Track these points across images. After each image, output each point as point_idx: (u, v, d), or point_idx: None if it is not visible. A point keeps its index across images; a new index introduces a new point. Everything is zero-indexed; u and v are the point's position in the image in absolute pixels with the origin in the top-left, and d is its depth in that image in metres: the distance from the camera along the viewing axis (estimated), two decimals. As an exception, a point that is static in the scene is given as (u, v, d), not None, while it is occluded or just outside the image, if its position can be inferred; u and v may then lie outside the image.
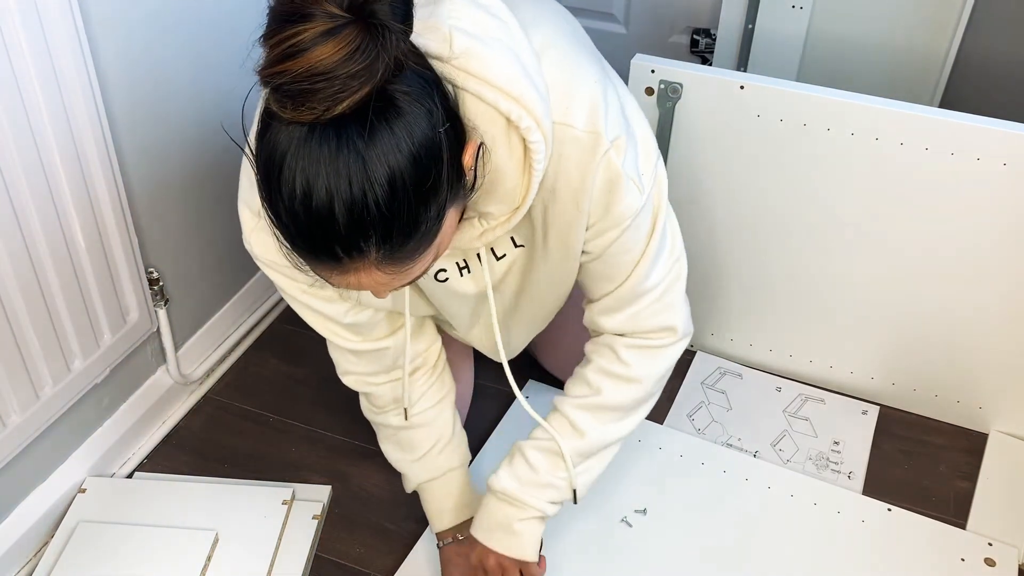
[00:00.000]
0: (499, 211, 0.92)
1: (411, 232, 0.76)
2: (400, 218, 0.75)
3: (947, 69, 1.82)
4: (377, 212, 0.73)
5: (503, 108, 0.83)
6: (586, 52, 0.96)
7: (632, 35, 2.35)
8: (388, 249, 0.76)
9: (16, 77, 1.07)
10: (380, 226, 0.74)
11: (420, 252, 0.79)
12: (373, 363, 1.17)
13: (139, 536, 1.28)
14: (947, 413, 1.51)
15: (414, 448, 1.22)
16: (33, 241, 1.15)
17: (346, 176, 0.71)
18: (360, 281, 0.79)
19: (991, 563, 1.28)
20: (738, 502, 1.37)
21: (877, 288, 1.42)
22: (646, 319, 1.09)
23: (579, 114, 0.90)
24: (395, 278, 0.80)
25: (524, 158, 0.87)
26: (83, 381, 1.31)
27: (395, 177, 0.73)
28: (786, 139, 1.34)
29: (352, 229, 0.73)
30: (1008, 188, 1.26)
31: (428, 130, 0.75)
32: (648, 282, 1.06)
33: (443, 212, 0.79)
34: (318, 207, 0.72)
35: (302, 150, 0.72)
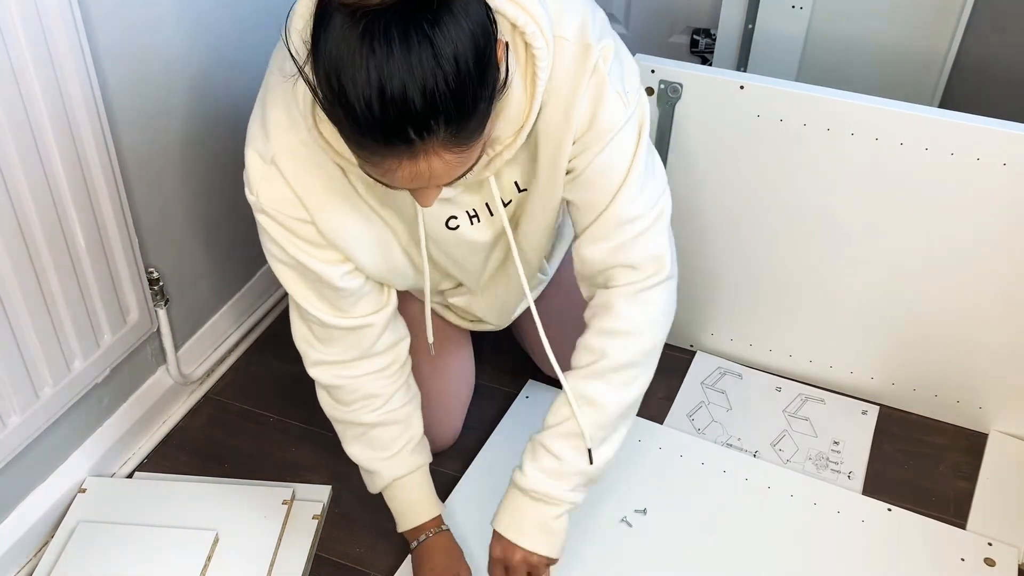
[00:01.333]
0: (504, 133, 0.94)
1: (473, 110, 0.80)
2: (466, 95, 0.78)
3: (947, 69, 1.82)
4: (447, 90, 0.76)
5: (510, 14, 0.87)
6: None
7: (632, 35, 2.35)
8: (455, 127, 0.79)
9: (16, 77, 1.07)
10: (450, 103, 0.77)
11: (478, 134, 0.83)
12: (351, 347, 1.13)
13: (139, 536, 1.28)
14: (947, 413, 1.51)
15: (386, 446, 1.20)
16: (33, 241, 1.15)
17: (417, 58, 0.74)
18: (430, 165, 0.81)
19: (991, 563, 1.28)
20: (738, 502, 1.37)
21: (877, 288, 1.42)
22: (632, 248, 1.06)
23: (570, 26, 0.93)
24: (458, 161, 0.83)
25: (527, 69, 0.90)
26: (83, 381, 1.31)
27: (459, 55, 0.76)
28: (786, 139, 1.34)
29: (425, 108, 0.76)
30: (1008, 188, 1.26)
31: (481, 12, 0.79)
32: (633, 207, 1.03)
33: (494, 96, 0.82)
34: (393, 92, 0.75)
35: (372, 39, 0.75)
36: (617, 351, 1.08)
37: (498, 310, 1.29)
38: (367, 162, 0.83)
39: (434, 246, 1.12)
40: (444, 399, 1.41)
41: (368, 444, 1.20)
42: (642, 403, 1.51)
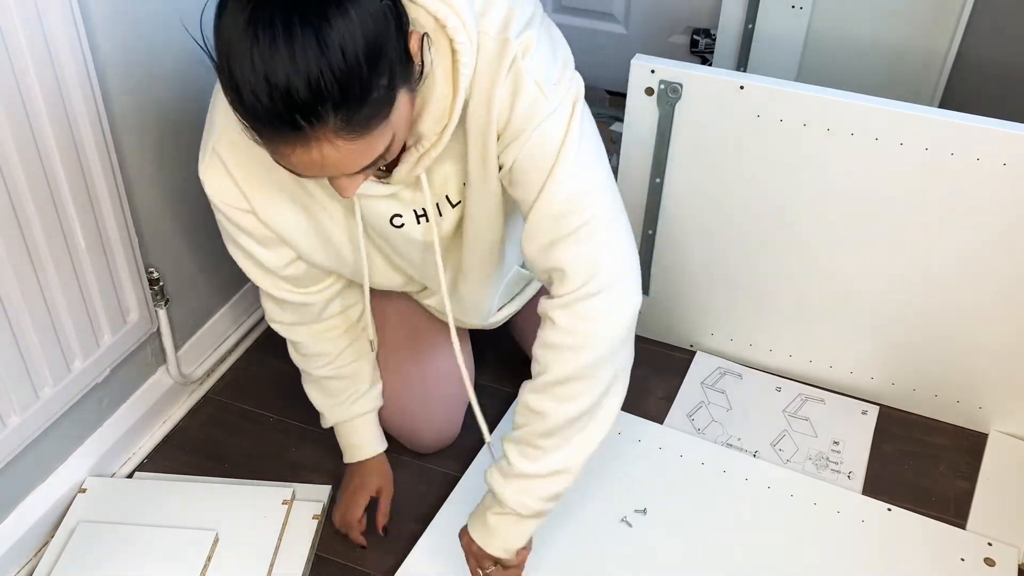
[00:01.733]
0: (431, 130, 0.94)
1: (364, 97, 0.79)
2: (353, 83, 0.78)
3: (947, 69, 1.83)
4: (332, 78, 0.76)
5: (431, 8, 0.88)
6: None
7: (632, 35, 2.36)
8: (344, 115, 0.79)
9: (16, 77, 1.07)
10: (336, 91, 0.77)
11: (375, 122, 0.82)
12: (297, 314, 1.22)
13: (139, 536, 1.28)
14: (947, 413, 1.51)
15: (334, 394, 1.31)
16: (33, 241, 1.15)
17: (301, 47, 0.75)
18: (322, 153, 0.82)
19: (991, 563, 1.28)
20: (738, 502, 1.37)
21: (877, 287, 1.42)
22: (562, 250, 1.00)
23: (493, 21, 0.93)
24: (354, 149, 0.83)
25: (452, 65, 0.90)
26: (83, 381, 1.31)
27: (346, 44, 0.76)
28: (786, 139, 1.34)
29: (311, 97, 0.77)
30: (1008, 188, 1.26)
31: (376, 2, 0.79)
32: (558, 202, 0.98)
33: (394, 85, 0.83)
34: (277, 82, 0.76)
35: (257, 26, 0.76)
36: (558, 365, 1.02)
37: (472, 310, 1.28)
38: (265, 148, 0.84)
39: (384, 243, 1.14)
40: (444, 398, 1.41)
41: (320, 390, 1.32)
42: (642, 403, 1.53)
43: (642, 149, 1.44)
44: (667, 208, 1.49)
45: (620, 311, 1.02)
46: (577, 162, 0.98)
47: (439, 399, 1.40)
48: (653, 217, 1.50)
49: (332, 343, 1.27)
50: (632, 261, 1.04)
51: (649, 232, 1.52)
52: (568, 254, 1.00)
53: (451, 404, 1.42)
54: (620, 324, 1.02)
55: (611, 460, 1.42)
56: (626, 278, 1.03)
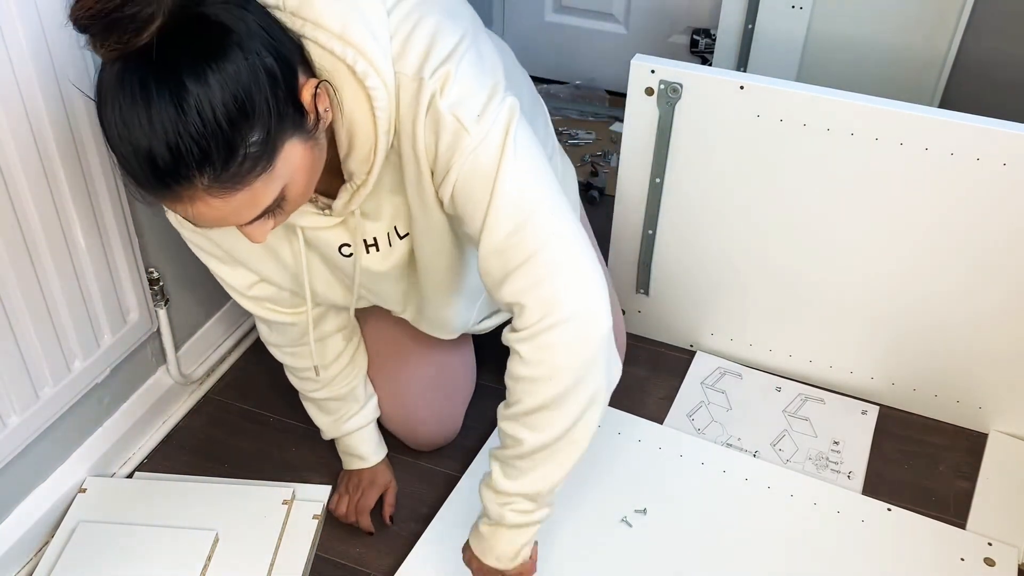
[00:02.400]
0: (360, 169, 0.95)
1: (230, 157, 0.79)
2: (216, 145, 0.78)
3: (947, 69, 1.83)
4: (192, 142, 0.77)
5: (338, 52, 0.87)
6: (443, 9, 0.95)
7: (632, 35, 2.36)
8: (212, 175, 0.79)
9: (16, 77, 1.07)
10: (197, 154, 0.77)
11: (252, 177, 0.82)
12: (282, 335, 1.24)
13: (139, 536, 1.28)
14: (947, 413, 1.51)
15: (332, 412, 1.34)
16: (33, 241, 1.15)
17: (158, 113, 0.76)
18: (198, 209, 0.82)
19: (991, 563, 1.28)
20: (738, 502, 1.37)
21: (877, 287, 1.42)
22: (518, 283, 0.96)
23: (410, 60, 0.91)
24: (232, 205, 0.83)
25: (369, 107, 0.90)
26: (83, 381, 1.31)
27: (203, 107, 0.76)
28: (786, 139, 1.34)
29: (173, 162, 0.77)
30: (1008, 188, 1.26)
31: (240, 57, 0.78)
32: (497, 236, 0.95)
33: (272, 140, 0.82)
34: (137, 146, 0.77)
35: (119, 89, 0.77)
36: (528, 396, 1.00)
37: (442, 328, 1.28)
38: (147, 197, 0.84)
39: (336, 270, 1.14)
40: (444, 397, 1.41)
41: (317, 407, 1.35)
42: (642, 403, 1.53)
43: (642, 149, 1.44)
44: (667, 208, 1.49)
45: (585, 338, 0.98)
46: (516, 190, 0.94)
47: (439, 397, 1.40)
48: (653, 217, 1.50)
49: (321, 371, 1.28)
50: (594, 281, 0.98)
51: (649, 232, 1.52)
52: (521, 287, 0.96)
53: (451, 402, 1.42)
54: (587, 351, 0.98)
55: (611, 460, 1.42)
56: (589, 302, 0.98)
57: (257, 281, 1.16)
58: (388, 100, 0.90)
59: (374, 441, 1.37)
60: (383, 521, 1.34)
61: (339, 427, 1.34)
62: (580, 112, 2.35)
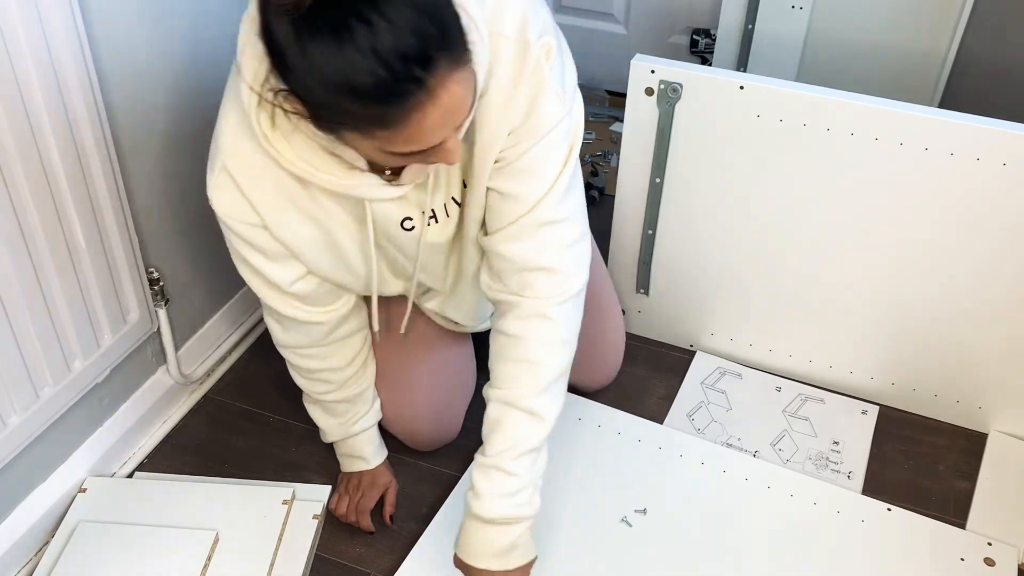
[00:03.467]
0: None
1: (458, 31, 0.83)
2: (446, 19, 0.82)
3: (947, 69, 1.83)
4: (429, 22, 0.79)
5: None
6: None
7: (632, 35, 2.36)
8: (448, 51, 0.82)
9: (16, 77, 1.07)
10: (436, 32, 0.80)
11: (467, 56, 0.84)
12: (303, 335, 1.21)
13: (139, 536, 1.28)
14: (947, 413, 1.51)
15: (339, 415, 1.33)
16: (33, 241, 1.15)
17: (394, 10, 0.78)
18: (450, 95, 0.83)
19: (991, 563, 1.28)
20: (738, 502, 1.37)
21: (877, 288, 1.42)
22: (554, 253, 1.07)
23: (510, 23, 0.95)
24: (466, 84, 0.85)
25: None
26: (83, 381, 1.31)
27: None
28: (786, 139, 1.34)
29: (420, 44, 0.79)
30: (1008, 188, 1.26)
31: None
32: (560, 209, 1.05)
33: (464, 33, 0.84)
34: (386, 47, 0.78)
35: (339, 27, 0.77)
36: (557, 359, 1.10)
37: (467, 311, 1.31)
38: (396, 136, 0.85)
39: (392, 248, 1.13)
40: (445, 399, 1.41)
41: (323, 409, 1.33)
42: (642, 403, 1.53)
43: (642, 149, 1.44)
44: (667, 208, 1.49)
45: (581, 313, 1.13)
46: (573, 179, 1.05)
47: (439, 398, 1.40)
48: (653, 217, 1.50)
49: (336, 373, 1.27)
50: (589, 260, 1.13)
51: (649, 232, 1.52)
52: (558, 259, 1.07)
53: (452, 403, 1.42)
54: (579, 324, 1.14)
55: (611, 460, 1.42)
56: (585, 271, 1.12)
57: (303, 275, 1.12)
58: (485, 56, 0.91)
59: (376, 443, 1.37)
60: (383, 521, 1.34)
61: (346, 429, 1.33)
62: (580, 112, 2.35)
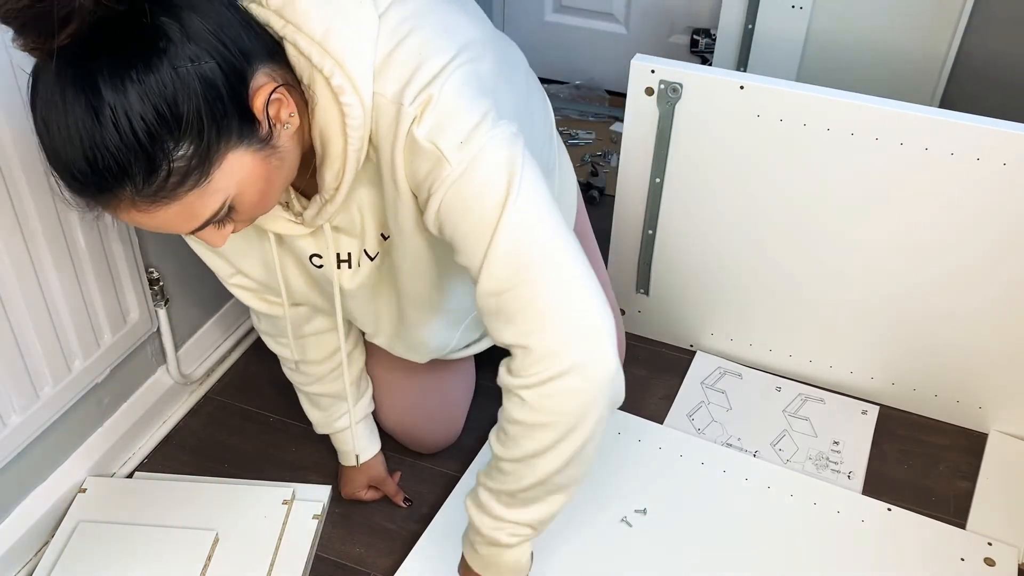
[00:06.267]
0: (330, 182, 0.91)
1: (153, 170, 0.74)
2: (135, 159, 0.73)
3: (947, 69, 1.83)
4: (109, 156, 0.73)
5: (316, 61, 0.82)
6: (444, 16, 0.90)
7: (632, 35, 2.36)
8: (134, 188, 0.75)
9: (16, 76, 1.07)
10: (115, 169, 0.73)
11: (184, 190, 0.78)
12: (272, 326, 1.24)
13: (139, 536, 1.28)
14: (947, 413, 1.51)
15: (325, 408, 1.33)
16: (33, 241, 1.15)
17: (75, 121, 0.72)
18: (131, 218, 0.79)
19: (991, 563, 1.28)
20: (738, 502, 1.37)
21: (877, 288, 1.42)
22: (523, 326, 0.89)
23: (391, 82, 0.85)
24: (165, 217, 0.79)
25: (342, 123, 0.85)
26: (83, 381, 1.31)
27: (119, 119, 0.72)
28: (786, 139, 1.34)
29: (92, 174, 0.74)
30: (1008, 188, 1.26)
31: (165, 66, 0.73)
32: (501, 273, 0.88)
33: (208, 153, 0.77)
34: (58, 154, 0.74)
35: (39, 87, 0.74)
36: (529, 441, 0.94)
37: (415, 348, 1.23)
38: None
39: (311, 280, 1.12)
40: (445, 399, 1.41)
41: (311, 402, 1.34)
42: (642, 403, 1.53)
43: (642, 149, 1.44)
44: (667, 208, 1.49)
45: (593, 384, 0.91)
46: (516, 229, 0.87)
47: (439, 402, 1.40)
48: (653, 217, 1.50)
49: (313, 367, 1.27)
50: (602, 319, 0.90)
51: (649, 232, 1.52)
52: (523, 331, 0.89)
53: (452, 406, 1.42)
54: (594, 395, 0.91)
55: (611, 460, 1.42)
56: (597, 345, 0.90)
57: (234, 272, 1.14)
58: (363, 118, 0.85)
59: (366, 437, 1.36)
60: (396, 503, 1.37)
61: (331, 424, 1.34)
62: (580, 112, 2.35)
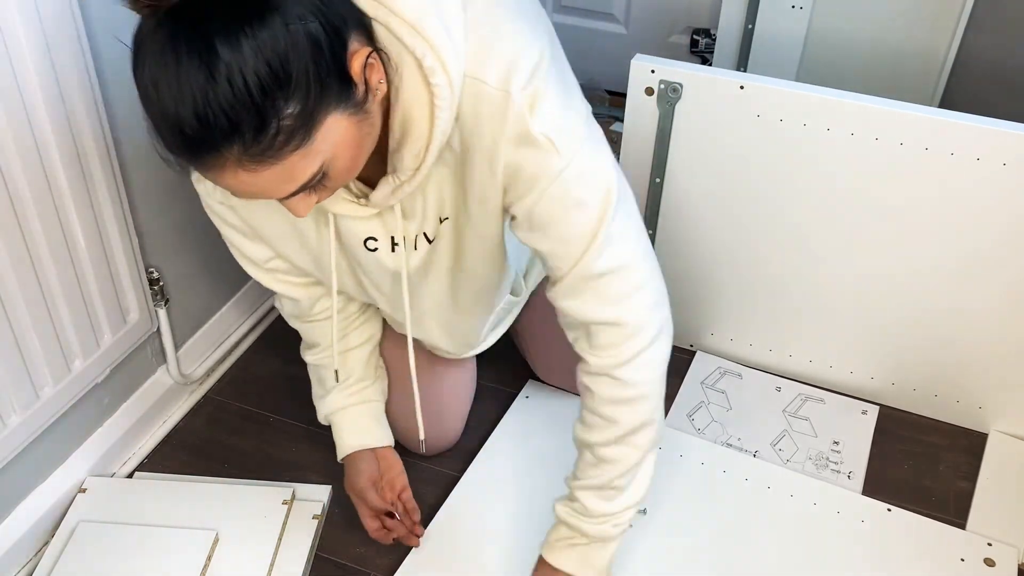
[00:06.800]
0: (407, 164, 0.90)
1: (261, 128, 0.75)
2: (246, 115, 0.74)
3: (947, 69, 1.83)
4: (221, 111, 0.73)
5: (408, 42, 0.82)
6: (523, 16, 0.91)
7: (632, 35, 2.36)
8: (241, 147, 0.75)
9: (16, 76, 1.07)
10: (226, 125, 0.73)
11: (287, 151, 0.78)
12: (291, 304, 1.25)
13: (139, 536, 1.28)
14: (947, 413, 1.51)
15: (322, 383, 1.30)
16: (33, 241, 1.15)
17: (187, 77, 0.72)
18: (228, 182, 0.79)
19: (991, 563, 1.28)
20: (738, 502, 1.37)
21: (877, 288, 1.42)
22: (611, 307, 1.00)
23: (493, 70, 0.86)
24: (265, 179, 0.79)
25: (429, 104, 0.85)
26: (83, 381, 1.31)
27: (234, 75, 0.72)
28: (786, 139, 1.34)
29: (200, 130, 0.74)
30: (1008, 188, 1.26)
31: (278, 22, 0.73)
32: (601, 262, 0.96)
33: (311, 113, 0.77)
34: (167, 111, 0.74)
35: (149, 47, 0.74)
36: (631, 416, 1.05)
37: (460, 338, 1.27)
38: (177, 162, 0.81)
39: (356, 265, 1.12)
40: (446, 400, 1.41)
41: (314, 377, 1.33)
42: (642, 403, 1.53)
43: (642, 149, 1.44)
44: (667, 208, 1.49)
45: (667, 351, 1.06)
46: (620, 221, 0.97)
47: (441, 404, 1.40)
48: (653, 217, 1.50)
49: (319, 331, 1.28)
50: (663, 291, 1.06)
51: (649, 232, 1.52)
52: (621, 308, 1.00)
53: (453, 408, 1.42)
54: (667, 361, 1.06)
55: (611, 460, 1.42)
56: (667, 318, 1.06)
57: (273, 256, 1.14)
58: (451, 100, 0.85)
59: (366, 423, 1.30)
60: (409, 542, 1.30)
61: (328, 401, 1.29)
62: (580, 112, 2.35)
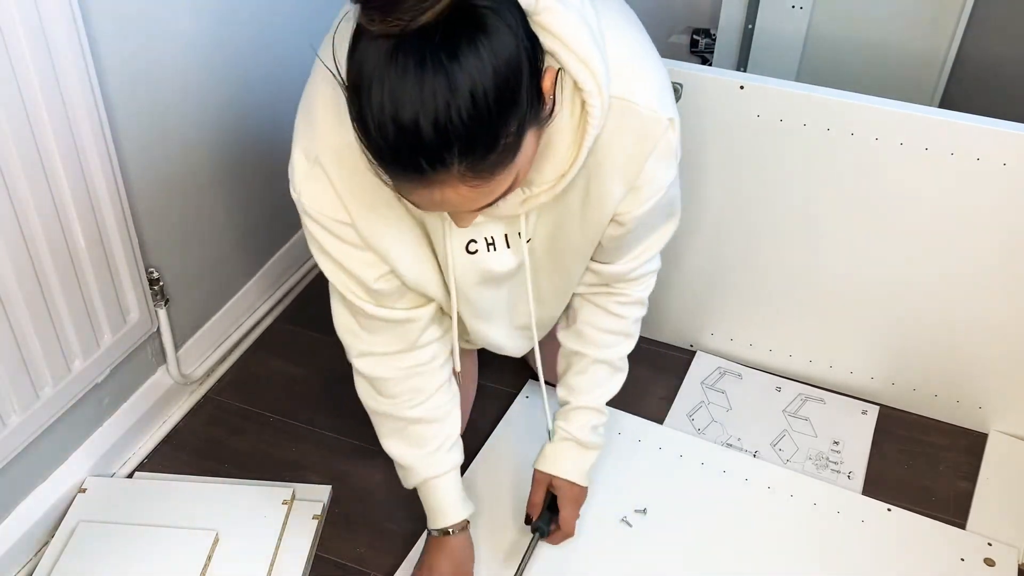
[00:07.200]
0: (546, 177, 0.94)
1: (492, 144, 0.78)
2: (482, 130, 0.76)
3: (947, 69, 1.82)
4: (460, 124, 0.75)
5: (572, 69, 0.86)
6: (643, 31, 1.00)
7: (632, 35, 2.35)
8: (470, 162, 0.77)
9: (16, 76, 1.07)
10: (463, 138, 0.75)
11: (501, 168, 0.80)
12: (396, 339, 1.11)
13: (139, 536, 1.28)
14: (947, 413, 1.51)
15: (424, 443, 1.17)
16: (33, 241, 1.15)
17: (431, 89, 0.73)
18: (444, 195, 0.80)
19: (991, 563, 1.28)
20: (738, 502, 1.37)
21: (877, 288, 1.42)
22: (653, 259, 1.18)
23: (643, 92, 0.94)
24: (477, 193, 0.81)
25: (580, 122, 0.90)
26: (83, 381, 1.31)
27: (476, 89, 0.74)
28: (786, 139, 1.34)
29: (437, 141, 0.75)
30: (1008, 188, 1.26)
31: (510, 45, 0.76)
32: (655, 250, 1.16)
33: (523, 130, 0.80)
34: (403, 120, 0.74)
35: (389, 64, 0.74)
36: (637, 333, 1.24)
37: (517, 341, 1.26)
38: (386, 178, 0.82)
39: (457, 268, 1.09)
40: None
41: (406, 439, 1.18)
42: (642, 403, 1.53)
43: (642, 149, 1.44)
44: (667, 208, 1.49)
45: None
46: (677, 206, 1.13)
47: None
48: (653, 217, 1.50)
49: (428, 377, 1.15)
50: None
51: (649, 232, 1.52)
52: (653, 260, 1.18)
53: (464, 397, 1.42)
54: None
55: (611, 460, 1.42)
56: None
57: (386, 272, 1.05)
58: (602, 120, 0.90)
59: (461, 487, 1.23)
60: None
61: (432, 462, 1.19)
62: (580, 112, 2.35)
